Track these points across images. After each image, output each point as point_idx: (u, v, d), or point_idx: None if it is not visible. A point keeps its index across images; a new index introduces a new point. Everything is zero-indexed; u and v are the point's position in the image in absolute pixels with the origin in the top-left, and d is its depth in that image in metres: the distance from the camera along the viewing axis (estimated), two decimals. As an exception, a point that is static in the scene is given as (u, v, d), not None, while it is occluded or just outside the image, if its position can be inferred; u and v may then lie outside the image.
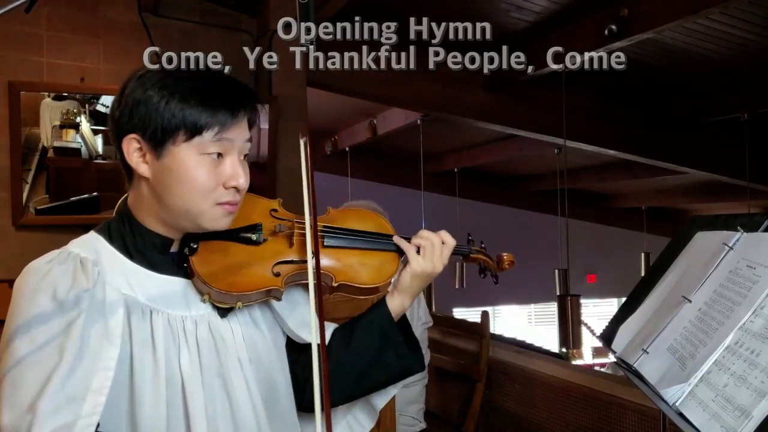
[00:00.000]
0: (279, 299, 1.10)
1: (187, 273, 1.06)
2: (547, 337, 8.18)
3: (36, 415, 0.86)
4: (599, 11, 3.60)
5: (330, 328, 1.23)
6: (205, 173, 1.00)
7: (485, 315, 3.19)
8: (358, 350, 1.17)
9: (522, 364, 3.21)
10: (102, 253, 1.02)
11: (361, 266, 1.16)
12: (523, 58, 3.85)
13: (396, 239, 1.20)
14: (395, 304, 1.19)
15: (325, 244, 1.14)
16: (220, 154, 1.01)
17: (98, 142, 3.59)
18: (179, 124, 0.98)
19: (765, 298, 0.99)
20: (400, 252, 1.20)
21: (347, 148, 7.13)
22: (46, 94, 3.45)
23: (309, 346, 1.00)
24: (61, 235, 1.06)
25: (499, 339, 4.27)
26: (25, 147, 3.38)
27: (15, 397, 0.89)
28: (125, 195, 1.12)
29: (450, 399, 3.31)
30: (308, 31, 0.94)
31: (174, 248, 1.07)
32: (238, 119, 1.02)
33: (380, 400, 1.25)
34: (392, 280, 1.19)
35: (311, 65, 3.90)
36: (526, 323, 9.76)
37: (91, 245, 1.03)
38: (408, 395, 2.72)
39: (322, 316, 0.91)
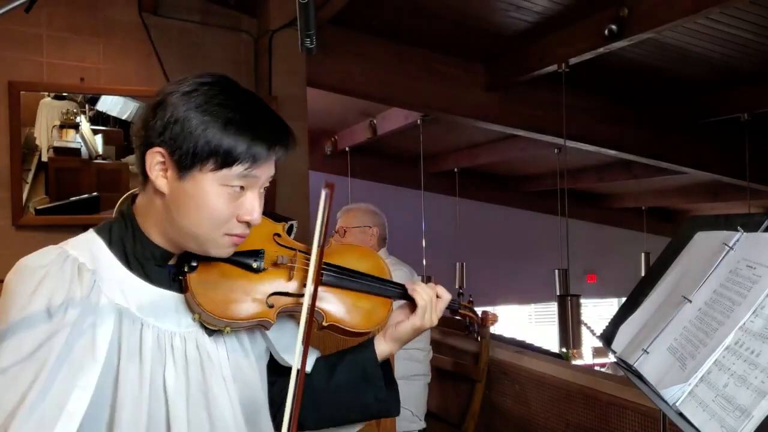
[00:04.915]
0: (267, 329, 1.10)
1: (181, 288, 1.05)
2: (547, 337, 8.18)
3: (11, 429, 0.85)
4: (599, 11, 3.60)
5: (314, 354, 1.23)
6: (223, 204, 0.99)
7: (485, 315, 3.19)
8: (339, 386, 1.18)
9: (522, 364, 3.21)
10: (99, 257, 1.01)
11: (354, 308, 1.15)
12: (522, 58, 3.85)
13: (410, 291, 1.19)
14: (383, 348, 1.20)
15: (323, 281, 1.13)
16: (242, 188, 1.00)
17: (98, 142, 3.59)
18: (211, 153, 0.96)
19: (765, 298, 0.99)
20: (393, 298, 1.20)
21: (347, 148, 7.13)
22: (46, 93, 3.45)
23: (289, 370, 1.00)
24: (61, 235, 1.05)
25: (499, 339, 4.27)
26: (25, 147, 3.38)
27: None
28: (127, 194, 1.10)
29: (450, 399, 3.31)
30: (308, 31, 0.94)
31: (172, 262, 1.07)
32: (271, 157, 1.01)
33: None
34: (379, 327, 1.19)
35: (311, 65, 3.91)
36: (526, 323, 9.76)
37: (89, 248, 1.01)
38: (409, 390, 2.72)
39: (305, 355, 0.94)
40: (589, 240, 8.81)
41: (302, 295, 1.06)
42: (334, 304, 1.14)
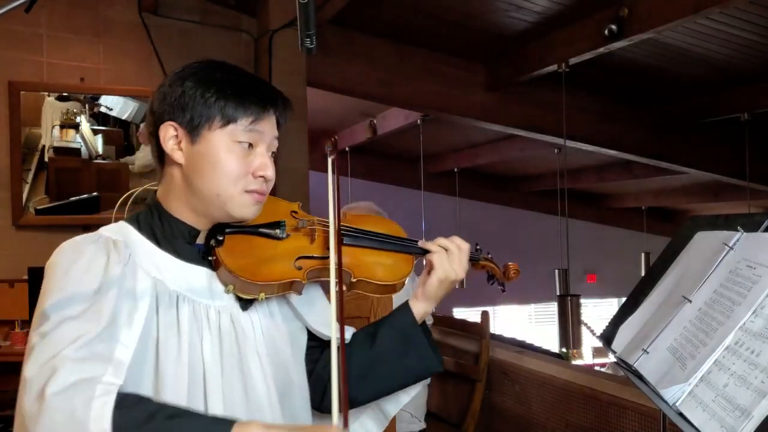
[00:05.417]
0: (299, 293, 1.14)
1: (211, 265, 1.09)
2: (547, 337, 8.18)
3: (63, 360, 0.86)
4: (599, 11, 3.61)
5: (349, 331, 1.25)
6: (236, 159, 1.06)
7: (485, 315, 3.19)
8: (381, 352, 1.20)
9: (522, 364, 3.21)
10: (131, 238, 1.06)
11: (378, 265, 1.20)
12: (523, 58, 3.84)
13: (422, 243, 1.24)
14: (419, 309, 1.23)
15: (344, 242, 1.18)
16: (250, 145, 1.07)
17: (98, 142, 3.59)
18: (216, 111, 1.05)
19: (765, 298, 0.99)
20: (414, 255, 1.24)
21: (347, 148, 7.13)
22: (47, 94, 3.45)
23: (328, 343, 1.03)
24: (62, 235, 1.06)
25: (499, 339, 4.27)
26: (25, 147, 3.38)
27: (44, 352, 0.89)
28: (127, 193, 1.14)
29: (450, 399, 3.31)
30: (308, 31, 0.94)
31: (200, 241, 1.11)
32: (269, 114, 1.09)
33: (392, 406, 1.29)
34: (406, 281, 1.22)
35: (311, 65, 3.91)
36: (526, 323, 9.76)
37: (121, 231, 1.07)
38: None
39: (342, 310, 0.96)
40: (589, 240, 8.81)
41: (327, 257, 1.11)
42: (359, 261, 1.19)
